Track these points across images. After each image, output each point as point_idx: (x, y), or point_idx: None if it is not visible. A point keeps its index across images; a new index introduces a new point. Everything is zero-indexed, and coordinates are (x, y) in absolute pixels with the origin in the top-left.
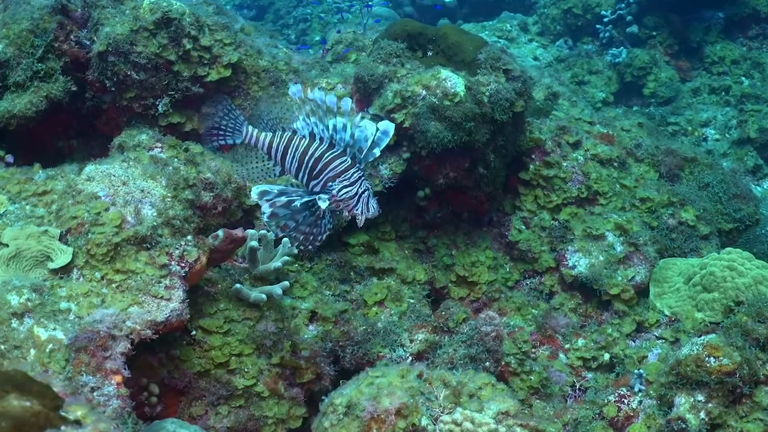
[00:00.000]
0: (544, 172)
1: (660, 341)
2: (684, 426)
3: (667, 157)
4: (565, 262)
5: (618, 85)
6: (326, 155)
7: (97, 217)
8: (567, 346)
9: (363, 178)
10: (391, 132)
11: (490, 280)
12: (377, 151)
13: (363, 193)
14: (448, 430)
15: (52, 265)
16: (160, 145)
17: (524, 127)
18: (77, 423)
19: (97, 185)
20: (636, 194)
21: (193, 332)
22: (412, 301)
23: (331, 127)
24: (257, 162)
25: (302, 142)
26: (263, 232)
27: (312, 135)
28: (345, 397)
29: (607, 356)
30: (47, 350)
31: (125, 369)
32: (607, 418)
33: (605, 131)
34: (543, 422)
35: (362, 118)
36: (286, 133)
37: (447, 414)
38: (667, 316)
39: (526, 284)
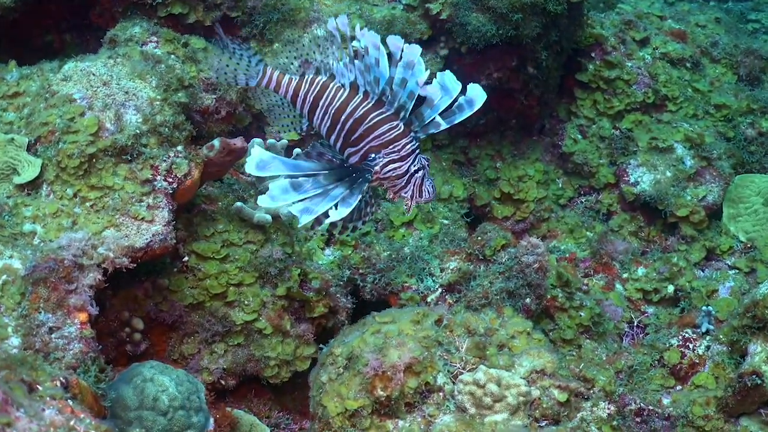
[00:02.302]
0: (605, 73)
1: (733, 272)
2: (759, 382)
3: (747, 57)
4: (627, 178)
5: None
6: (371, 116)
7: (69, 124)
8: (625, 275)
9: (418, 152)
10: (479, 103)
11: (539, 197)
12: (443, 123)
13: (416, 172)
14: (468, 393)
15: (17, 180)
16: (155, 39)
17: (583, 20)
18: None
19: (73, 86)
20: (710, 100)
21: (186, 258)
22: (445, 221)
23: (383, 79)
24: (280, 107)
25: (339, 94)
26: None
27: (354, 86)
28: (346, 346)
29: (671, 288)
30: (0, 282)
31: (93, 306)
32: (668, 365)
33: (677, 27)
34: (592, 369)
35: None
36: (318, 78)
37: (468, 372)
38: (742, 242)
39: (581, 202)
